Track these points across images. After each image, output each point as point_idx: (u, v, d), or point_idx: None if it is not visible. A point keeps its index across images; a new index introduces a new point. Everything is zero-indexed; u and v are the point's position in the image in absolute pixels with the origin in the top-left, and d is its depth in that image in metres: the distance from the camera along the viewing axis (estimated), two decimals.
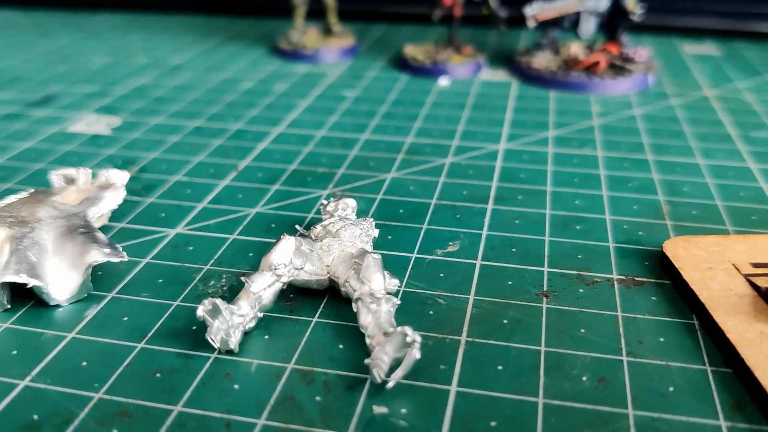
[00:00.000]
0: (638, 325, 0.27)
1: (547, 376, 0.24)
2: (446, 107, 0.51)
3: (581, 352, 0.25)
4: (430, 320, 0.27)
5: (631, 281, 0.29)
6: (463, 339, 0.26)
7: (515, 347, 0.26)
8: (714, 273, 0.28)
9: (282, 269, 0.27)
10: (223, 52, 0.67)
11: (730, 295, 0.27)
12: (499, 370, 0.24)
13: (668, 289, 0.29)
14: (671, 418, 0.22)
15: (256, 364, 0.25)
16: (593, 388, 0.24)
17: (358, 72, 0.60)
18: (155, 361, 0.25)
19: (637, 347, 0.25)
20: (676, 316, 0.27)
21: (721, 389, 0.24)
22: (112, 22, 0.75)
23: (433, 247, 0.32)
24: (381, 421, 0.22)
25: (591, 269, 0.30)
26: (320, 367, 0.25)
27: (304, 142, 0.45)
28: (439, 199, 0.37)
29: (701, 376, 0.24)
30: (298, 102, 0.52)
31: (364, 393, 0.24)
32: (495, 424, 0.22)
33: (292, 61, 0.64)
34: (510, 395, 0.23)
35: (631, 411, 0.23)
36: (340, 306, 0.28)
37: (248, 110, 0.51)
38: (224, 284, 0.30)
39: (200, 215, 0.35)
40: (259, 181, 0.39)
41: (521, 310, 0.28)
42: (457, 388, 0.24)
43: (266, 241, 0.33)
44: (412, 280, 0.30)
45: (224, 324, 0.25)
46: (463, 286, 0.29)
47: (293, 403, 0.23)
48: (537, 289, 0.29)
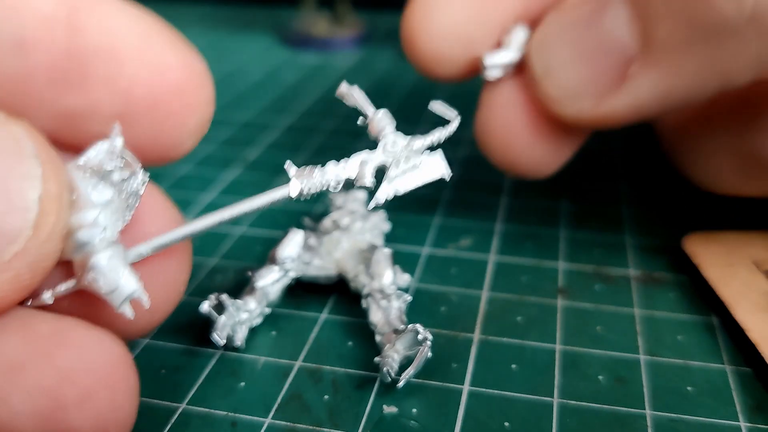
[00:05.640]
0: (656, 323, 0.26)
1: (562, 375, 0.24)
2: (461, 97, 0.50)
3: (598, 351, 0.25)
4: (442, 317, 0.27)
5: (649, 278, 0.29)
6: (476, 337, 0.26)
7: (530, 346, 0.25)
8: (734, 270, 0.27)
9: (290, 264, 0.26)
10: (230, 42, 0.66)
11: (750, 293, 0.26)
12: (513, 370, 0.24)
13: (687, 286, 0.28)
14: (690, 419, 0.22)
15: (262, 362, 0.25)
16: (610, 387, 0.23)
17: (368, 61, 0.59)
18: (160, 358, 0.25)
19: (655, 346, 0.25)
20: (695, 313, 0.27)
21: (741, 389, 0.23)
22: None
23: (445, 242, 0.32)
24: (391, 421, 0.22)
25: (608, 265, 0.30)
26: (328, 365, 0.24)
27: (312, 134, 0.44)
28: (452, 191, 0.36)
29: (720, 375, 0.24)
30: (307, 93, 0.52)
31: (373, 392, 0.23)
32: (509, 425, 0.22)
33: (301, 50, 0.63)
34: (524, 395, 0.23)
35: (649, 411, 0.22)
36: (349, 302, 0.27)
37: (256, 101, 0.50)
38: (230, 279, 0.29)
39: (207, 208, 0.35)
40: (267, 173, 0.39)
41: (536, 307, 0.27)
42: (470, 387, 0.23)
43: (273, 235, 0.32)
44: (423, 275, 0.29)
45: (230, 320, 0.25)
46: (475, 282, 0.29)
47: (300, 402, 0.23)
48: (552, 285, 0.28)
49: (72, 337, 0.18)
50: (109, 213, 0.19)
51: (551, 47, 0.26)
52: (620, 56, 0.24)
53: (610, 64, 0.24)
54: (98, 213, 0.18)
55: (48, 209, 0.17)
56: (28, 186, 0.17)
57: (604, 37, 0.24)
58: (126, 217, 0.19)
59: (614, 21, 0.24)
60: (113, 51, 0.19)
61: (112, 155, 0.19)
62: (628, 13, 0.24)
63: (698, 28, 0.22)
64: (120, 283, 0.18)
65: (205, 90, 0.20)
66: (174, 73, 0.19)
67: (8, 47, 0.18)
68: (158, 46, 0.19)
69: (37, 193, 0.17)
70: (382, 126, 0.22)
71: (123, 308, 0.18)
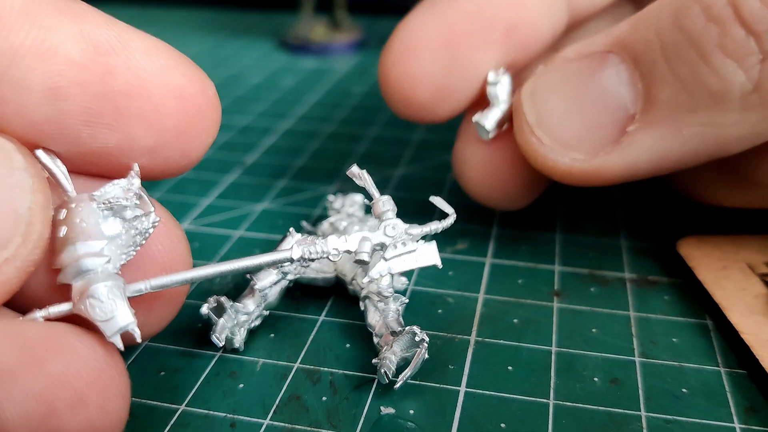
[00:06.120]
0: (651, 325, 0.26)
1: (558, 376, 0.24)
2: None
3: (593, 353, 0.25)
4: (439, 319, 0.27)
5: (644, 280, 0.29)
6: (472, 339, 0.26)
7: (526, 347, 0.25)
8: (728, 272, 0.28)
9: (288, 266, 0.27)
10: (229, 46, 0.66)
11: (744, 295, 0.26)
12: (510, 371, 0.24)
13: (681, 288, 0.28)
14: (684, 420, 0.22)
15: (261, 363, 0.25)
16: (605, 389, 0.23)
17: (366, 66, 0.60)
18: (159, 360, 0.25)
19: (650, 348, 0.25)
20: (689, 316, 0.27)
21: (736, 391, 0.23)
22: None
23: (442, 245, 0.32)
24: (388, 422, 0.22)
25: (603, 268, 0.30)
26: (327, 367, 0.24)
27: (311, 138, 0.44)
28: (448, 194, 0.36)
29: (715, 377, 0.24)
30: (305, 97, 0.52)
31: (371, 393, 0.23)
32: (504, 426, 0.22)
33: (299, 55, 0.63)
34: (520, 396, 0.23)
35: (644, 413, 0.22)
36: (347, 304, 0.27)
37: (255, 105, 0.50)
38: (229, 282, 0.29)
39: (206, 211, 0.35)
40: (265, 177, 0.39)
41: (532, 309, 0.27)
42: (466, 388, 0.23)
43: (272, 238, 0.33)
44: (420, 278, 0.29)
45: (229, 322, 0.25)
46: (472, 284, 0.29)
47: (299, 403, 0.23)
48: (548, 287, 0.29)
49: (63, 342, 0.18)
50: (114, 246, 0.19)
51: (545, 98, 0.26)
52: (618, 113, 0.24)
53: (608, 120, 0.24)
54: (105, 244, 0.19)
55: (36, 219, 0.18)
56: (19, 196, 0.17)
57: (601, 94, 0.25)
58: (130, 254, 0.20)
59: (613, 78, 0.24)
60: (142, 88, 0.20)
61: (128, 192, 0.19)
62: (630, 73, 0.24)
63: (702, 93, 0.22)
64: (115, 314, 0.19)
65: (218, 110, 0.22)
66: (195, 100, 0.21)
67: (42, 94, 0.18)
68: (179, 77, 0.20)
69: (27, 204, 0.17)
70: (385, 209, 0.23)
71: (114, 339, 0.19)
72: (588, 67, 0.25)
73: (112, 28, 0.19)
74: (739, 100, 0.22)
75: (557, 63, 0.26)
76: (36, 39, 0.18)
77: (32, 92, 0.18)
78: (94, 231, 0.19)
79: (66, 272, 0.19)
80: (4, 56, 0.18)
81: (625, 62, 0.24)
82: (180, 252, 0.22)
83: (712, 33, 0.22)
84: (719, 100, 0.22)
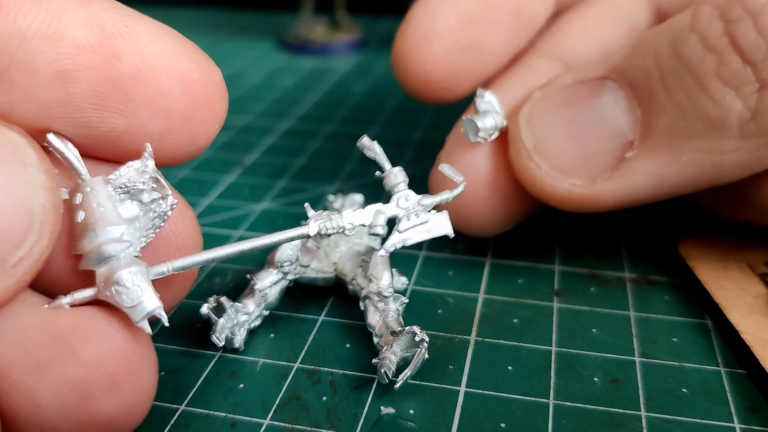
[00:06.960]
0: (651, 325, 0.26)
1: (558, 376, 0.24)
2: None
3: (593, 353, 0.25)
4: (439, 319, 0.27)
5: (644, 280, 0.29)
6: (472, 339, 0.26)
7: (525, 347, 0.25)
8: (728, 272, 0.28)
9: (288, 267, 0.27)
10: (229, 46, 0.66)
11: (744, 295, 0.26)
12: (509, 371, 0.24)
13: (681, 288, 0.28)
14: (684, 420, 0.22)
15: (261, 363, 0.25)
16: (605, 389, 0.23)
17: (366, 66, 0.60)
18: (160, 360, 0.25)
19: (650, 348, 0.25)
20: (689, 316, 0.27)
21: (736, 391, 0.23)
22: None
23: (441, 244, 0.32)
24: (388, 421, 0.22)
25: (603, 268, 0.30)
26: (327, 367, 0.24)
27: (310, 138, 0.44)
28: None
29: (715, 377, 0.24)
30: (305, 97, 0.52)
31: (371, 393, 0.23)
32: (504, 426, 0.22)
33: (299, 55, 0.63)
34: (520, 396, 0.23)
35: (644, 413, 0.22)
36: (347, 304, 0.27)
37: (255, 105, 0.50)
38: (229, 282, 0.29)
39: (206, 211, 0.35)
40: (265, 177, 0.39)
41: (532, 309, 0.27)
42: (466, 388, 0.23)
43: None
44: (420, 278, 0.29)
45: (229, 322, 0.25)
46: (472, 284, 0.29)
47: (299, 403, 0.23)
48: (548, 287, 0.29)
49: (93, 328, 0.18)
50: (133, 230, 0.19)
51: (543, 124, 0.26)
52: (617, 140, 0.24)
53: (606, 146, 0.25)
54: (124, 229, 0.19)
55: (50, 216, 0.18)
56: (33, 194, 0.17)
57: (599, 120, 0.25)
58: (150, 236, 0.20)
59: (611, 104, 0.24)
60: (149, 72, 0.20)
61: (143, 175, 0.19)
62: (628, 100, 0.24)
63: (701, 121, 0.22)
64: (142, 300, 0.19)
65: (225, 96, 0.22)
66: (202, 86, 0.21)
67: (50, 77, 0.18)
68: (186, 62, 0.20)
69: (41, 201, 0.17)
70: (397, 181, 0.23)
71: (142, 324, 0.19)
72: (585, 93, 0.25)
73: (117, 12, 0.19)
74: (737, 128, 0.22)
75: (554, 89, 0.26)
76: (43, 22, 0.18)
77: (41, 75, 0.18)
78: (113, 215, 0.19)
79: (88, 259, 0.19)
80: (12, 40, 0.18)
81: (622, 89, 0.24)
82: (192, 233, 0.22)
83: (709, 62, 0.22)
84: (717, 128, 0.22)
